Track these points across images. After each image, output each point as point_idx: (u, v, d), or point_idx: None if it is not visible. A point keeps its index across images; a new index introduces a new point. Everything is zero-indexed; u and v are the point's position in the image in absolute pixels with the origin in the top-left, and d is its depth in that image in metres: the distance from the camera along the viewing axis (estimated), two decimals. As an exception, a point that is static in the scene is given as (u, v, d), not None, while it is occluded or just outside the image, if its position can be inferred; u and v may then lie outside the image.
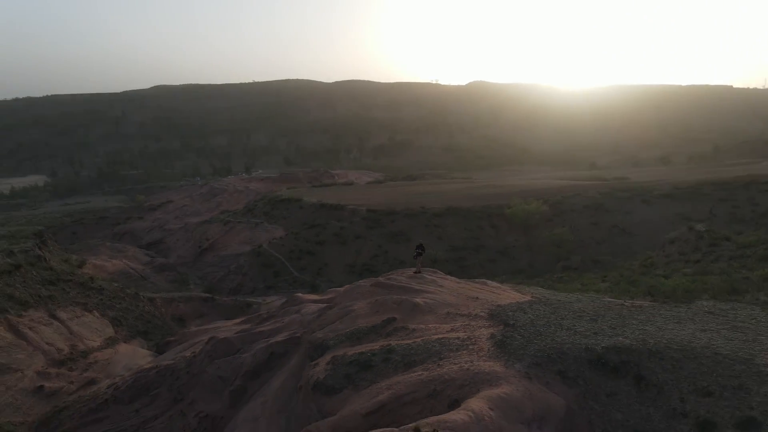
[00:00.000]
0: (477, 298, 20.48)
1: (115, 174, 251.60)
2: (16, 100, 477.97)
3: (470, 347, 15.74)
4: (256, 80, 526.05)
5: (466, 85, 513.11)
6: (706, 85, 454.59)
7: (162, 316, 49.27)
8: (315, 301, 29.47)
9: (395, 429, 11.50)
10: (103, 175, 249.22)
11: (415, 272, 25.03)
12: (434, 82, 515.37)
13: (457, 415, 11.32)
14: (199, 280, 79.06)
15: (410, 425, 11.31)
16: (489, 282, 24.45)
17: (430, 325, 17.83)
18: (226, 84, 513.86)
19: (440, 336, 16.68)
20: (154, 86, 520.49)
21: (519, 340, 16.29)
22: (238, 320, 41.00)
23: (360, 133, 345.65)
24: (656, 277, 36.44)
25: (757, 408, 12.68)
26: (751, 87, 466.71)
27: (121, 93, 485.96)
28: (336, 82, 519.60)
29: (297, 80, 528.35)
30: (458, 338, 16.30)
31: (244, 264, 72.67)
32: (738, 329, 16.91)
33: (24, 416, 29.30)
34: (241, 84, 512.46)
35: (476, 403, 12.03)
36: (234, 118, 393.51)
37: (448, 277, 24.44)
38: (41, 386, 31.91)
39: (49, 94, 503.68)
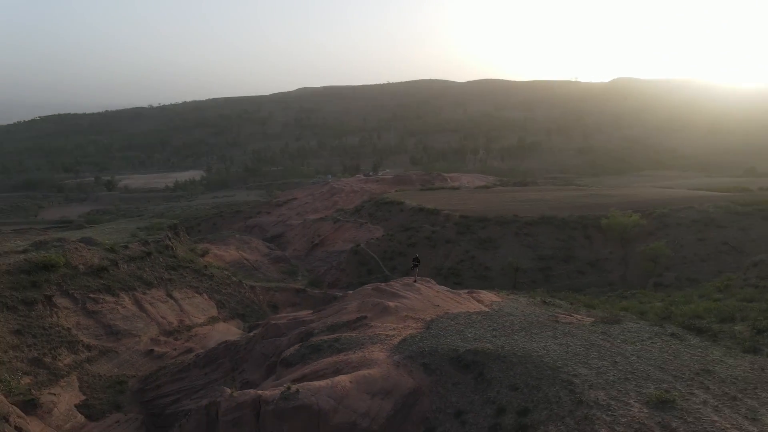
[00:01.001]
0: (438, 306, 23.63)
1: (258, 170, 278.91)
2: (185, 103, 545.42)
3: (385, 342, 19.55)
4: (391, 81, 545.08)
5: (609, 82, 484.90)
6: None
7: (259, 302, 57.38)
8: (356, 299, 34.20)
9: (278, 384, 15.98)
10: (249, 171, 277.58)
11: (413, 281, 28.70)
12: (573, 80, 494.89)
13: (319, 383, 15.54)
14: (307, 272, 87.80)
15: (286, 385, 15.78)
16: (478, 291, 27.28)
17: (385, 324, 21.61)
18: (362, 85, 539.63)
19: (378, 332, 20.51)
20: (299, 88, 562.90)
21: (416, 339, 19.83)
22: (312, 311, 47.13)
23: (489, 133, 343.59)
24: (706, 300, 35.85)
25: (534, 401, 15.85)
26: None
27: (269, 95, 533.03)
28: (469, 82, 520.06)
29: (430, 80, 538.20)
30: (386, 335, 20.09)
31: (343, 261, 79.69)
32: (593, 346, 19.04)
33: (135, 371, 37.87)
34: (375, 85, 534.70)
35: (342, 377, 16.26)
36: (367, 118, 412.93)
37: (436, 286, 27.69)
38: (152, 350, 40.55)
39: (211, 97, 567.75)
